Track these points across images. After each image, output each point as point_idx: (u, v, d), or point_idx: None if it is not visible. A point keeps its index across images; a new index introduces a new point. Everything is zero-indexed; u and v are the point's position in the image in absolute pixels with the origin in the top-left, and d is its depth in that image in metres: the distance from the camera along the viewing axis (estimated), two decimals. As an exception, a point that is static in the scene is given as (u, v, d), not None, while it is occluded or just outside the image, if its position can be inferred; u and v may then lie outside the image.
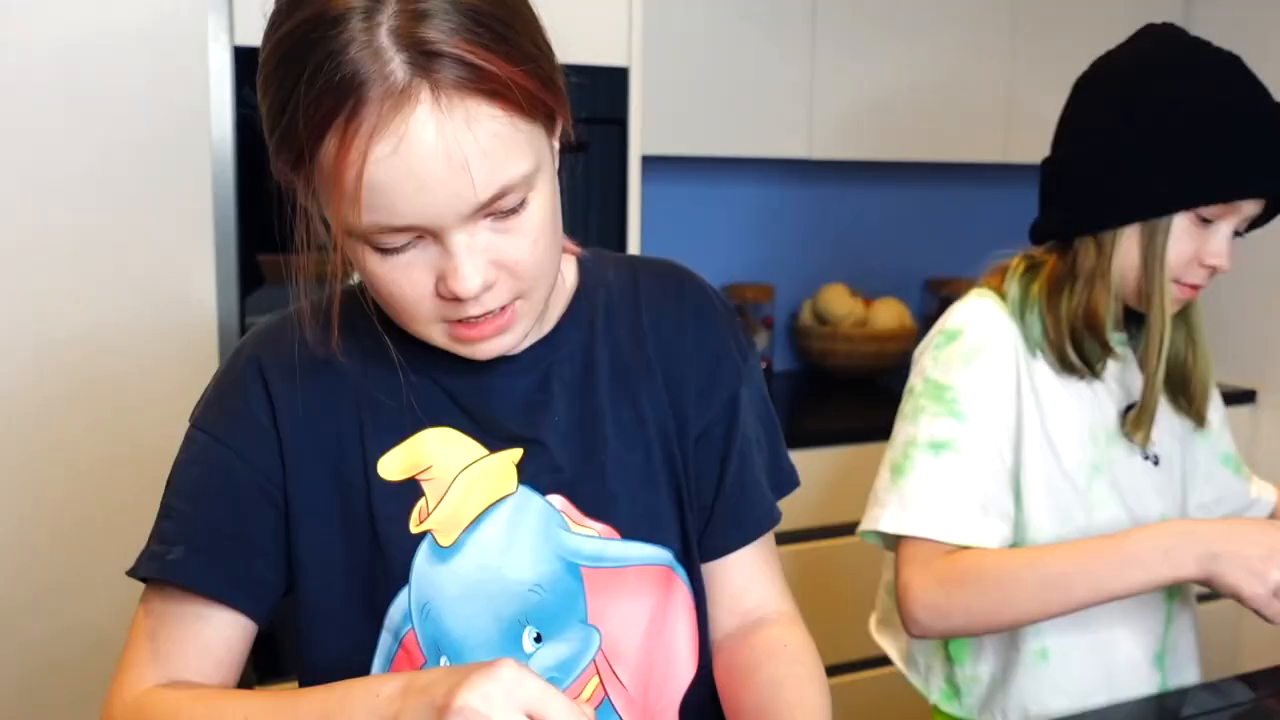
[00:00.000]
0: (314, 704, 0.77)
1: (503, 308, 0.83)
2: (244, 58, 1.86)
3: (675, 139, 2.53)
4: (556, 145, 0.86)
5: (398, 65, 0.72)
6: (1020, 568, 1.21)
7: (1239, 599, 1.15)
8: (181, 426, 1.91)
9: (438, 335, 0.84)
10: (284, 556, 0.91)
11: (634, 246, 2.20)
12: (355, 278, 0.87)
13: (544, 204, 0.82)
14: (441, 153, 0.73)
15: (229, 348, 1.90)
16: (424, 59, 0.73)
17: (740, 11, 2.56)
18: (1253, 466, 2.82)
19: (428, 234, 0.78)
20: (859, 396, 2.83)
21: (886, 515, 1.27)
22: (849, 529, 2.42)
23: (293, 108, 0.74)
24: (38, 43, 1.74)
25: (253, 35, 1.85)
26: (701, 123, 2.56)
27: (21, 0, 1.72)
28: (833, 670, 2.45)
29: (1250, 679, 1.34)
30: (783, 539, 2.34)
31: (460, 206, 0.76)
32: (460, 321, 0.82)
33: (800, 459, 2.41)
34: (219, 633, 0.88)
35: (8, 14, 1.72)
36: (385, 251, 0.78)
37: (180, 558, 0.87)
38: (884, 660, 2.44)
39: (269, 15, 0.78)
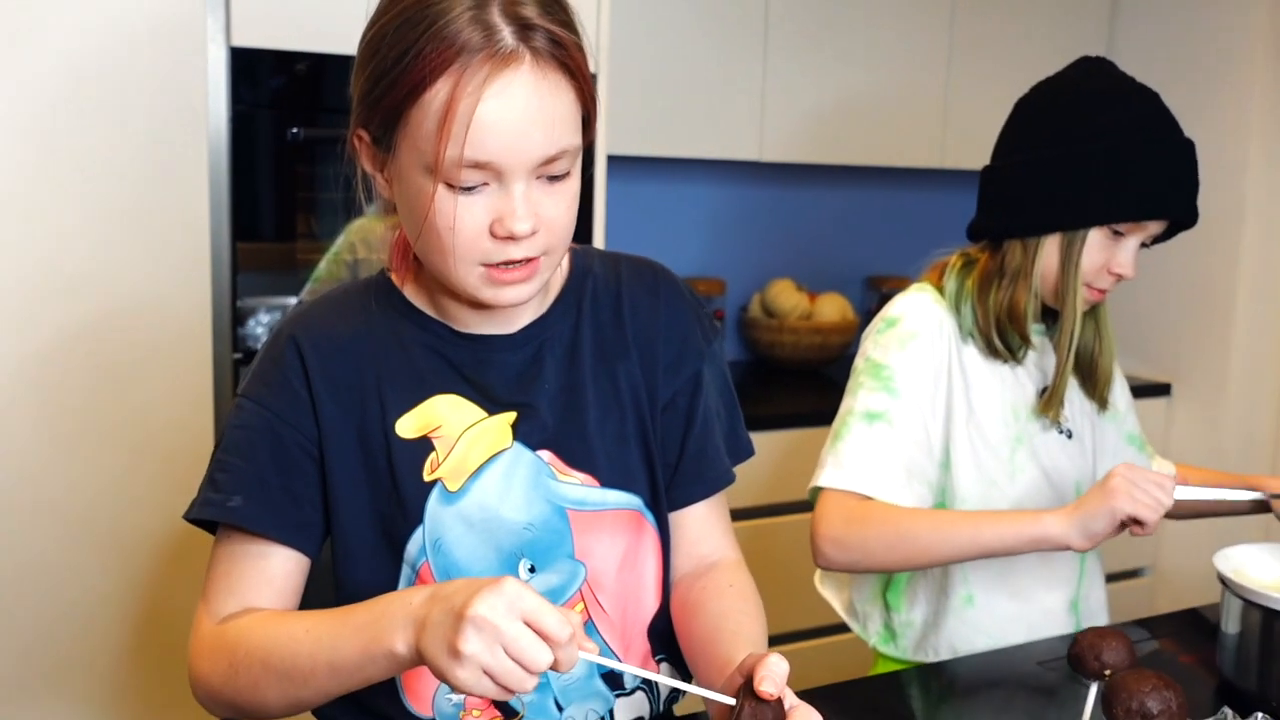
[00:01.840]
0: (361, 614, 0.91)
1: (532, 258, 0.99)
2: (240, 57, 1.98)
3: (638, 140, 2.67)
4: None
5: (507, 34, 0.91)
6: (917, 515, 1.40)
7: (1113, 514, 1.29)
8: (180, 402, 2.03)
9: (473, 277, 0.98)
10: (324, 502, 1.05)
11: (599, 240, 2.35)
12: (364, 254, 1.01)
13: (577, 183, 1.00)
14: (535, 104, 0.92)
15: (223, 330, 2.03)
16: (525, 31, 0.92)
17: (699, 25, 2.72)
18: (1167, 451, 3.05)
19: (496, 178, 0.94)
20: (804, 385, 3.00)
21: (823, 474, 1.44)
22: (794, 506, 2.59)
23: (410, 59, 0.92)
24: (44, 42, 1.84)
25: (248, 37, 1.98)
26: (662, 126, 2.71)
27: (31, 2, 1.82)
28: (780, 637, 2.62)
29: (1148, 623, 1.53)
30: (733, 515, 2.49)
31: (533, 153, 0.93)
32: (498, 265, 0.98)
33: (749, 441, 2.54)
34: (279, 567, 1.03)
35: (17, 15, 1.82)
36: (459, 189, 0.94)
37: (240, 505, 1.02)
38: (827, 629, 2.62)
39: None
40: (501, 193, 0.95)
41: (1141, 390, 3.14)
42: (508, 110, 0.91)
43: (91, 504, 1.94)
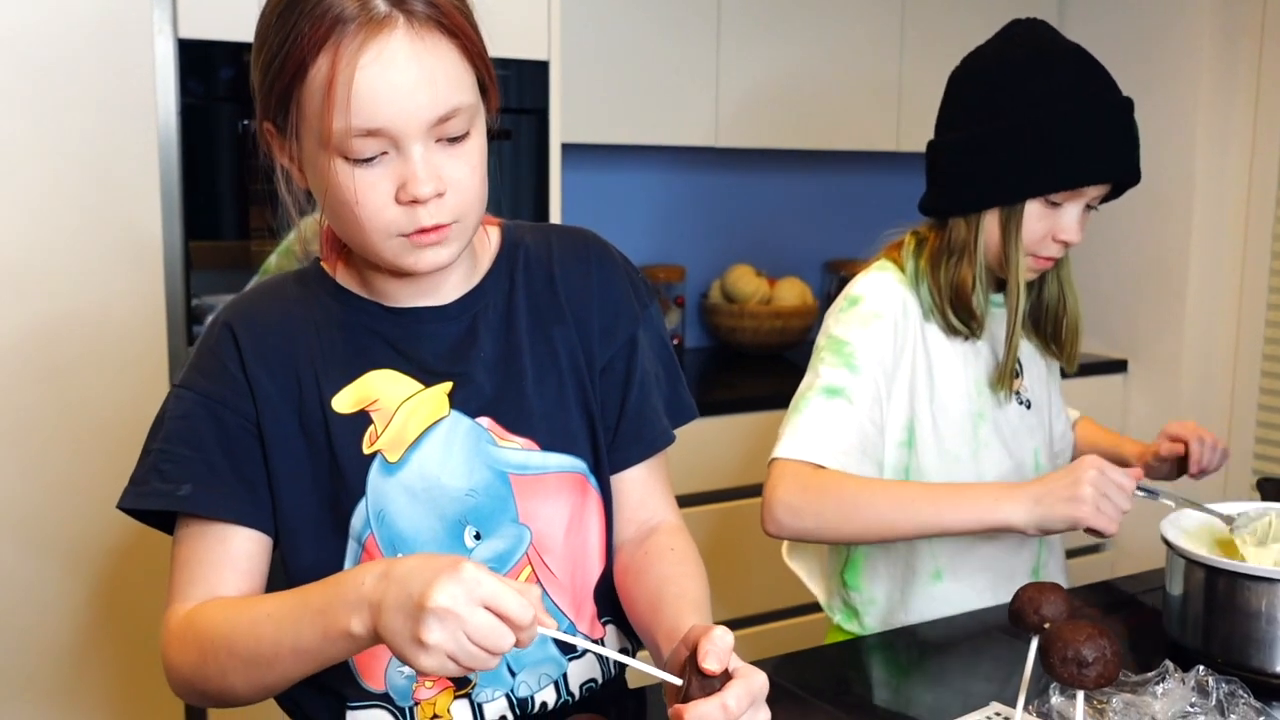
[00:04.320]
0: (316, 596, 0.92)
1: (443, 225, 0.99)
2: (187, 50, 1.97)
3: (593, 128, 2.68)
4: (486, 122, 1.03)
5: (380, 2, 0.93)
6: (876, 487, 1.39)
7: (1074, 524, 1.31)
8: (136, 401, 2.02)
9: (392, 245, 0.99)
10: (269, 481, 1.06)
11: (555, 228, 2.35)
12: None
13: (480, 145, 1.01)
14: (414, 66, 0.93)
15: (177, 326, 2.02)
16: None
17: (651, 12, 2.73)
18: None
19: (393, 145, 0.95)
20: (764, 369, 3.01)
21: (780, 445, 1.43)
22: (759, 490, 2.59)
23: (290, 42, 0.93)
24: (-9, 34, 1.82)
25: (195, 28, 1.97)
26: (618, 113, 2.72)
27: (-25, -6, 1.81)
28: (746, 619, 2.64)
29: (1099, 588, 1.56)
30: (696, 500, 2.51)
31: (424, 115, 0.94)
32: (412, 234, 0.98)
33: (711, 426, 2.57)
34: (240, 549, 1.04)
35: (-39, 7, 1.80)
36: (357, 162, 0.95)
37: (191, 493, 1.02)
38: (793, 609, 2.64)
39: None
40: (401, 160, 0.96)
41: (1099, 367, 3.18)
42: (388, 74, 0.93)
43: (46, 504, 1.93)
